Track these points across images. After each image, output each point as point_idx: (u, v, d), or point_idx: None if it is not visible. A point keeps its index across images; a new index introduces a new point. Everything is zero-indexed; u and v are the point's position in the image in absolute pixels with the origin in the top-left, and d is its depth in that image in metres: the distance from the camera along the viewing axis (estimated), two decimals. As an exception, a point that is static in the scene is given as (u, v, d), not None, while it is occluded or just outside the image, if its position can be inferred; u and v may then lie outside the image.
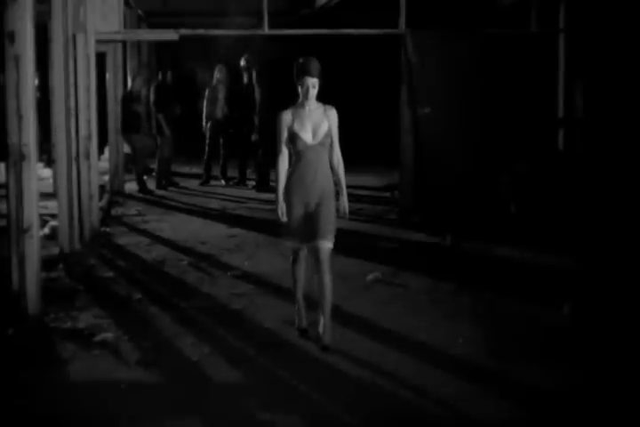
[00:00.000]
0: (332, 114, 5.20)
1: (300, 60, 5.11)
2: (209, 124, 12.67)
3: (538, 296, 6.32)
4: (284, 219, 5.18)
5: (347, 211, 5.25)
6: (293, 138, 5.13)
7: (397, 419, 4.16)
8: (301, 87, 5.11)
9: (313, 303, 5.49)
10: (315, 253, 5.15)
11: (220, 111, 12.60)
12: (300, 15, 14.45)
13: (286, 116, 5.13)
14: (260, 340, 5.37)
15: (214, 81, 12.72)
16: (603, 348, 5.21)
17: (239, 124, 12.48)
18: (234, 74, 12.74)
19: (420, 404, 4.31)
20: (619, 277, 6.81)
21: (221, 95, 12.59)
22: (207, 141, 12.78)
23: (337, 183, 5.27)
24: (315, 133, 5.14)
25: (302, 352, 5.11)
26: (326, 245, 5.14)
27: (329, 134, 5.16)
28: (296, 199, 5.18)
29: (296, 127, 5.12)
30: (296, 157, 5.18)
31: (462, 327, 5.60)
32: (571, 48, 9.53)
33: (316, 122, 5.15)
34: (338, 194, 5.26)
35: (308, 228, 5.17)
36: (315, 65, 5.08)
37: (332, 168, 5.25)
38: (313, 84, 5.08)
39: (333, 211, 5.22)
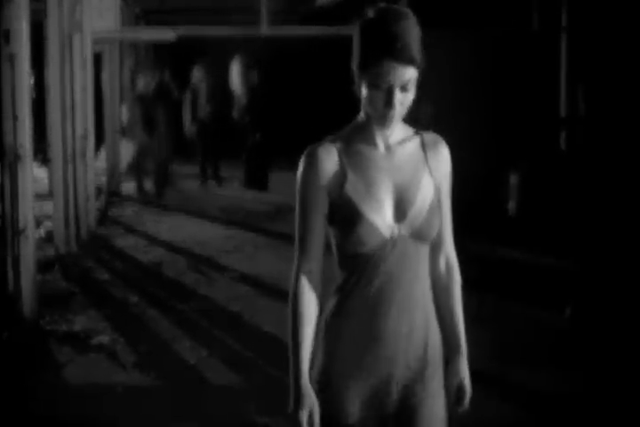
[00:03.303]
0: (442, 156, 2.18)
1: (370, 18, 2.04)
2: (194, 126, 12.57)
3: (539, 298, 6.28)
4: None
5: (467, 394, 2.34)
6: (347, 220, 2.07)
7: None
8: (370, 90, 2.04)
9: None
10: None
11: (202, 111, 12.53)
12: (299, 15, 14.41)
13: (325, 163, 2.09)
14: (259, 342, 5.32)
15: (193, 81, 12.62)
16: (604, 350, 5.17)
17: (226, 122, 12.39)
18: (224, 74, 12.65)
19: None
20: (620, 280, 6.77)
21: (202, 95, 12.52)
22: (198, 144, 12.71)
23: (446, 331, 2.28)
24: (401, 207, 2.10)
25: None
26: None
27: (436, 208, 2.14)
28: (354, 386, 2.12)
29: (351, 190, 2.08)
30: (352, 269, 2.11)
31: (463, 330, 5.55)
32: (573, 47, 9.51)
33: (404, 178, 2.12)
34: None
35: None
36: (408, 33, 2.02)
37: (435, 293, 2.24)
38: (403, 82, 2.02)
39: (441, 408, 2.25)
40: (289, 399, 2.10)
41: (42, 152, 12.43)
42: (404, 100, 2.06)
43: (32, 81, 9.65)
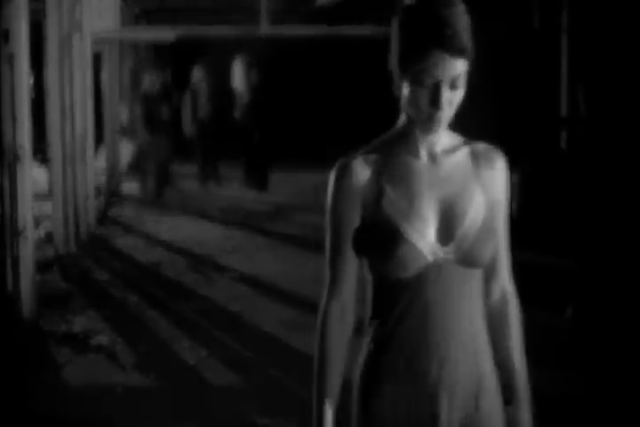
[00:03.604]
0: (497, 168, 1.88)
1: (414, 5, 1.74)
2: (194, 126, 12.58)
3: (539, 298, 6.26)
4: None
5: None
6: (384, 241, 1.77)
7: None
8: (413, 88, 1.74)
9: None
10: None
11: (202, 111, 12.53)
12: (300, 14, 14.41)
13: (359, 176, 1.80)
14: (259, 342, 5.31)
15: (194, 81, 12.63)
16: (604, 350, 5.15)
17: (226, 122, 12.40)
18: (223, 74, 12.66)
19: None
20: (621, 279, 6.76)
21: (202, 95, 12.52)
22: (198, 144, 12.71)
23: (503, 373, 1.89)
24: (447, 227, 1.80)
25: (302, 355, 5.04)
26: None
27: (490, 230, 1.84)
28: None
29: (389, 206, 1.78)
30: (389, 297, 1.82)
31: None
32: (573, 46, 9.51)
33: (451, 193, 1.82)
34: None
35: None
36: (458, 20, 1.74)
37: (489, 328, 1.90)
38: (452, 77, 1.73)
39: None
40: None
41: (41, 152, 12.42)
42: (452, 99, 1.75)
43: (31, 81, 9.65)
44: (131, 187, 12.04)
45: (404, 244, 1.75)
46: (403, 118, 1.84)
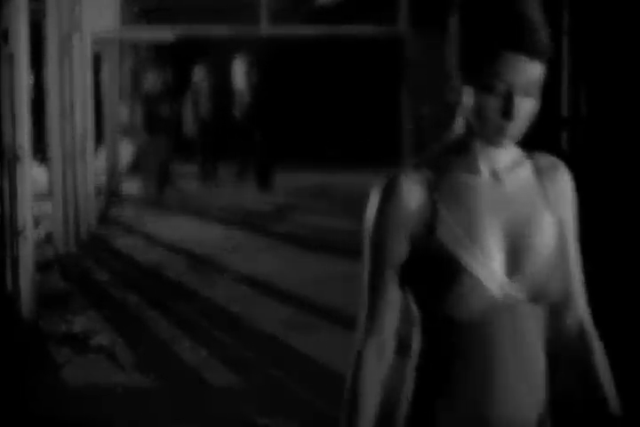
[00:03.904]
0: (563, 185, 1.61)
1: None
2: (195, 126, 12.59)
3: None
4: None
5: None
6: (439, 274, 1.51)
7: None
8: (479, 95, 1.47)
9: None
10: None
11: (203, 110, 12.54)
12: (300, 14, 14.41)
13: (409, 197, 1.51)
14: (259, 342, 5.31)
15: (195, 80, 12.64)
16: (607, 351, 5.15)
17: (227, 121, 12.41)
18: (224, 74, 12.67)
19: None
20: (623, 280, 6.76)
21: (203, 95, 12.53)
22: (198, 143, 12.72)
23: (595, 405, 1.86)
24: (516, 256, 1.53)
25: (302, 355, 5.05)
26: None
27: (560, 257, 1.60)
28: None
29: (444, 233, 1.51)
30: (444, 340, 1.55)
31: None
32: (575, 47, 9.51)
33: (517, 216, 1.55)
34: None
35: None
36: (537, 15, 1.52)
37: (566, 368, 1.75)
38: (528, 83, 1.48)
39: None
40: None
41: (41, 152, 12.42)
42: (526, 109, 1.48)
43: (31, 81, 9.65)
44: (131, 187, 12.03)
45: (466, 278, 1.48)
46: (459, 127, 1.56)
